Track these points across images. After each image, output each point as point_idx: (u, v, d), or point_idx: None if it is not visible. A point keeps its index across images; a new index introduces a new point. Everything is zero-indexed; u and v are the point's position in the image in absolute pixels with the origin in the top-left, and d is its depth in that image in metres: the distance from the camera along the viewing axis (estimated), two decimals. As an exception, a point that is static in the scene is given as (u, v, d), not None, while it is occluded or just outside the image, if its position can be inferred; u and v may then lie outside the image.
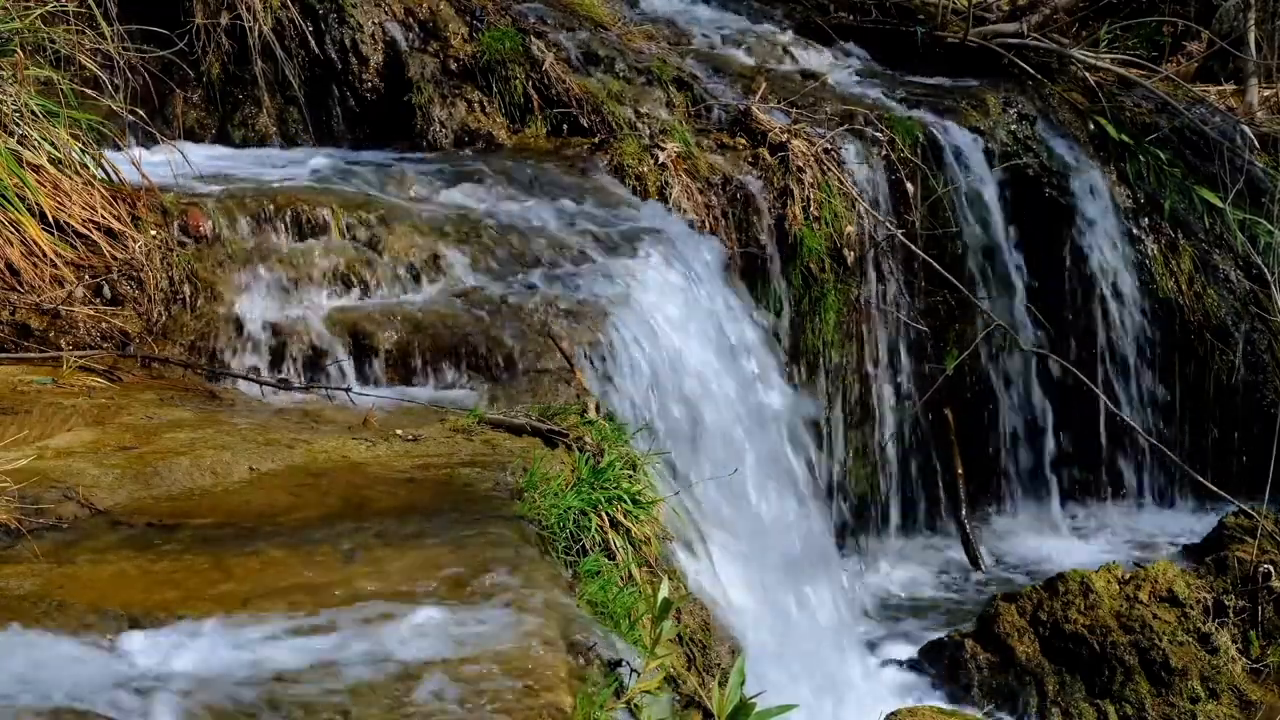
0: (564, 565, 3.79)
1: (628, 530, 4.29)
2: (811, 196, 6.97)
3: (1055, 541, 7.68)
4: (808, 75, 7.88)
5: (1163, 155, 8.04)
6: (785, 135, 7.06)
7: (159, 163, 5.82)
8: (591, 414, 4.88)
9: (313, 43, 6.93)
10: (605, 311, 5.55)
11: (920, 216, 7.32)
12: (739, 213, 6.88)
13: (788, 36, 8.26)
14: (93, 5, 6.09)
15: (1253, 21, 8.51)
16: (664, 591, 3.39)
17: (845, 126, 7.33)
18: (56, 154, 5.42)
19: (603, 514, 4.19)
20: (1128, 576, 6.23)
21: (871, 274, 7.23)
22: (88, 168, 5.53)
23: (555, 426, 4.56)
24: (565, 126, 6.98)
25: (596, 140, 6.85)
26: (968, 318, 7.50)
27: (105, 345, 5.07)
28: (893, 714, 5.51)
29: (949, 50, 8.21)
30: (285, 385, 5.03)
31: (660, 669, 3.40)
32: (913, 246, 7.17)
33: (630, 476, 4.46)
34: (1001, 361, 7.67)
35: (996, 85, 8.03)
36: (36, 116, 5.46)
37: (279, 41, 6.88)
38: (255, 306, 5.38)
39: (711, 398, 5.69)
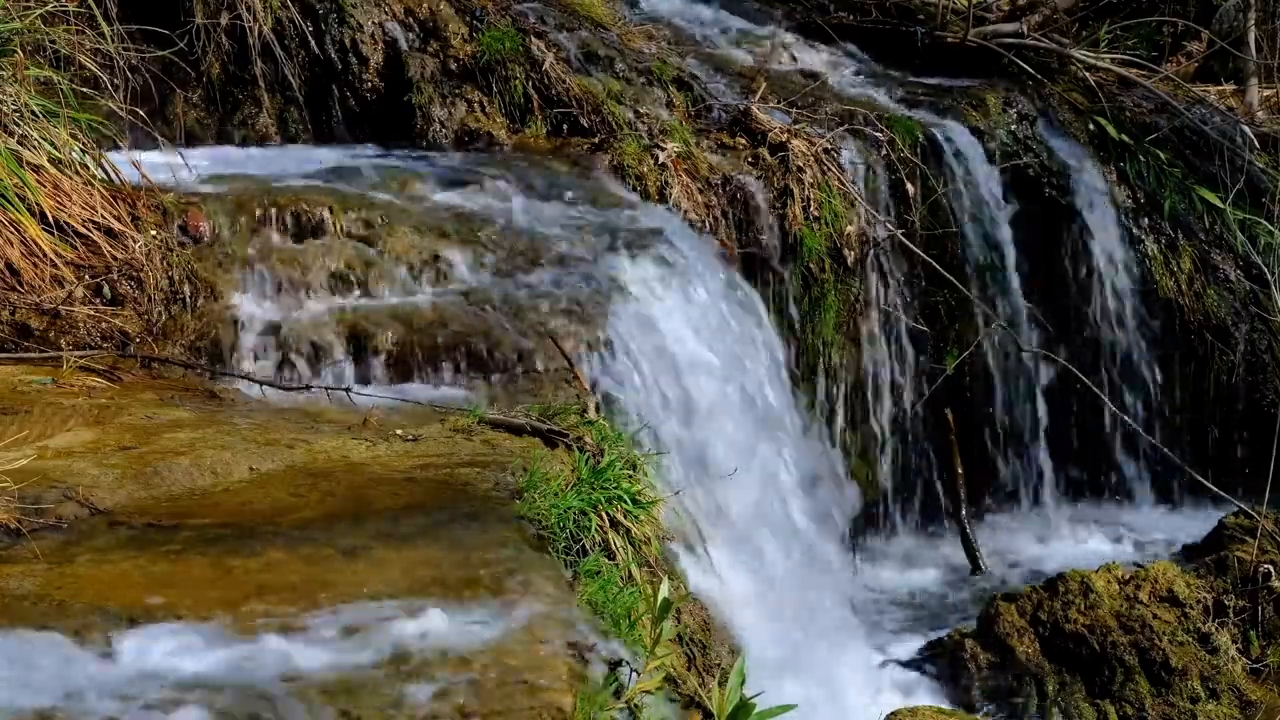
0: (564, 565, 3.78)
1: (628, 530, 4.29)
2: (811, 196, 6.97)
3: (1055, 541, 7.68)
4: (808, 75, 7.89)
5: (1163, 155, 8.04)
6: (785, 135, 7.06)
7: (159, 163, 5.82)
8: (591, 414, 4.88)
9: (313, 43, 6.93)
10: (605, 311, 5.55)
11: (920, 216, 7.32)
12: (739, 213, 6.88)
13: (788, 36, 8.26)
14: (93, 5, 6.09)
15: (1253, 21, 8.51)
16: (664, 591, 3.39)
17: (845, 126, 7.33)
18: (56, 154, 5.42)
19: (603, 514, 4.19)
20: (1128, 576, 6.23)
21: (871, 274, 7.23)
22: (88, 168, 5.52)
23: (555, 426, 4.56)
24: (565, 126, 6.98)
25: (596, 140, 6.85)
26: (968, 318, 7.50)
27: (105, 345, 5.07)
28: (893, 714, 5.50)
29: (949, 50, 8.21)
30: (285, 385, 5.03)
31: (660, 669, 3.40)
32: (913, 246, 7.17)
33: (630, 476, 4.46)
34: (1001, 361, 7.67)
35: (996, 85, 8.03)
36: (36, 116, 5.46)
37: (279, 41, 6.88)
38: (255, 306, 5.38)
39: (711, 397, 5.68)
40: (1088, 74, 8.16)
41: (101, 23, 6.10)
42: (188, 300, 5.34)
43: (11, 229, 5.14)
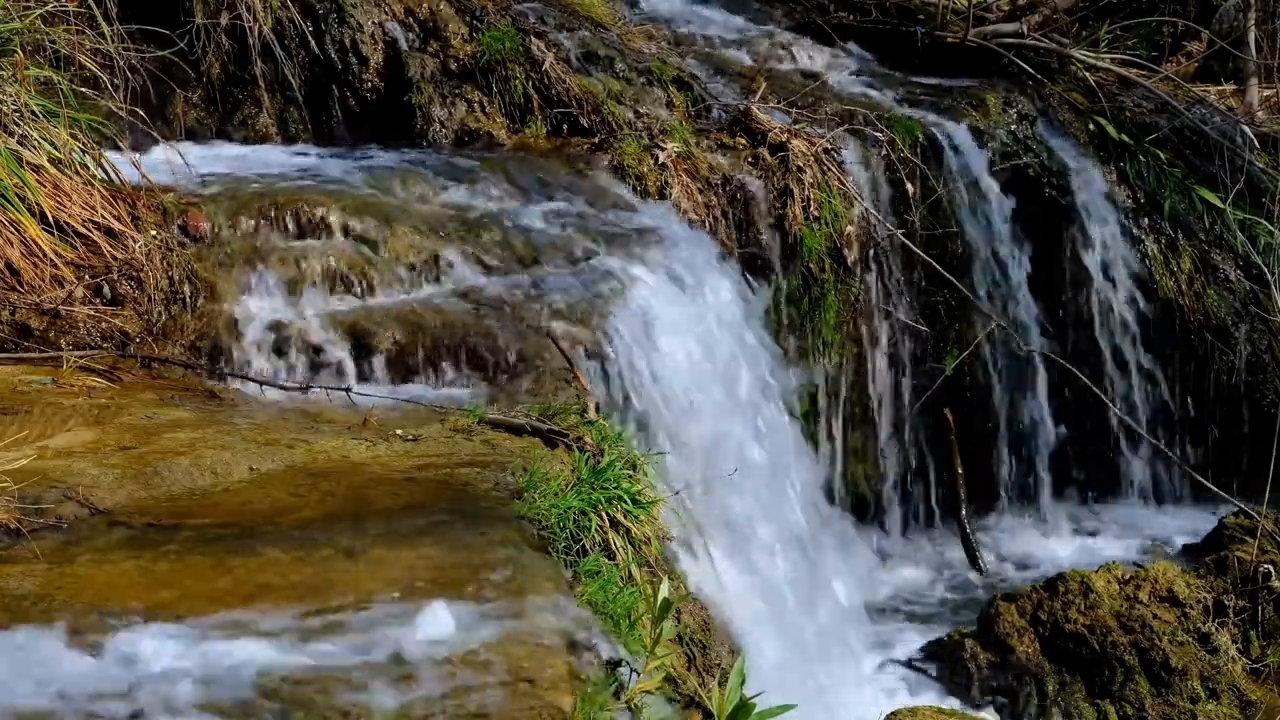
0: (564, 565, 3.78)
1: (628, 530, 4.29)
2: (811, 196, 6.97)
3: (1055, 541, 7.68)
4: (808, 75, 7.88)
5: (1163, 155, 8.04)
6: (785, 135, 7.06)
7: (159, 163, 5.82)
8: (591, 414, 4.88)
9: (313, 43, 6.93)
10: (605, 311, 5.55)
11: (920, 216, 7.32)
12: (739, 213, 6.88)
13: (788, 36, 8.26)
14: (93, 5, 6.09)
15: (1253, 21, 8.51)
16: (664, 591, 3.39)
17: (845, 126, 7.33)
18: (56, 154, 5.42)
19: (603, 514, 4.19)
20: (1128, 576, 6.23)
21: (871, 274, 7.23)
22: (88, 168, 5.53)
23: (555, 426, 4.56)
24: (565, 126, 6.98)
25: (596, 140, 6.85)
26: (968, 318, 7.50)
27: (105, 345, 5.07)
28: (893, 714, 5.51)
29: (949, 50, 8.21)
30: (285, 385, 5.03)
31: (660, 669, 3.40)
32: (913, 246, 7.17)
33: (630, 476, 4.46)
34: (1001, 361, 7.67)
35: (996, 85, 8.03)
36: (36, 116, 5.46)
37: (279, 41, 6.87)
38: (255, 306, 5.38)
39: (710, 397, 5.68)
40: (1088, 74, 8.16)
41: (101, 23, 6.09)
42: (188, 300, 5.34)
43: (11, 229, 5.14)
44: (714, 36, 8.09)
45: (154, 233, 5.43)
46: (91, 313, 5.12)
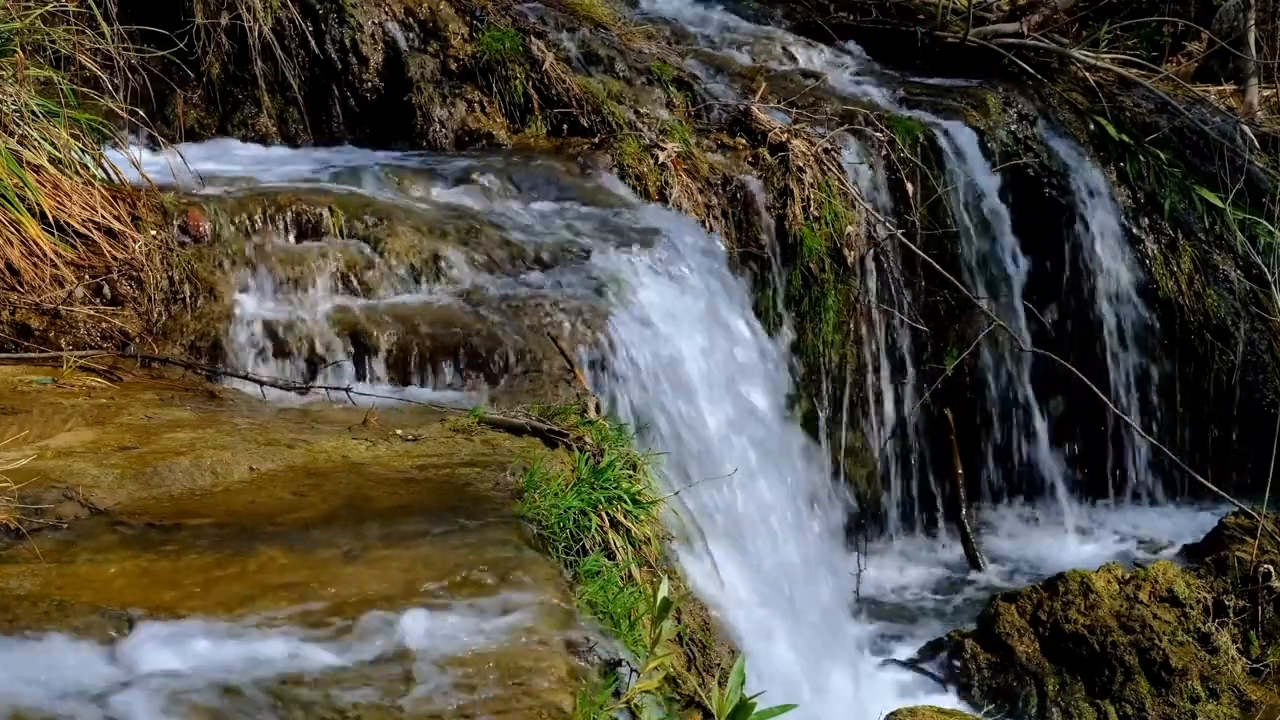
0: (564, 565, 3.78)
1: (628, 530, 4.28)
2: (811, 196, 6.97)
3: (1055, 541, 7.68)
4: (808, 75, 7.89)
5: (1163, 155, 8.05)
6: (785, 135, 7.06)
7: (159, 162, 5.82)
8: (591, 414, 4.88)
9: (313, 43, 6.93)
10: (605, 311, 5.55)
11: (920, 216, 7.32)
12: (739, 213, 6.88)
13: (788, 36, 8.26)
14: (93, 5, 6.09)
15: (1253, 21, 8.52)
16: (664, 591, 3.39)
17: (845, 126, 7.33)
18: (56, 154, 5.42)
19: (603, 514, 4.19)
20: (1128, 576, 6.23)
21: (872, 274, 7.23)
22: (88, 168, 5.53)
23: (555, 426, 4.56)
24: (565, 126, 6.98)
25: (596, 140, 6.85)
26: (968, 318, 7.50)
27: (105, 345, 5.07)
28: (893, 714, 5.51)
29: (949, 50, 8.22)
30: (285, 385, 5.03)
31: (660, 669, 3.40)
32: (913, 246, 7.17)
33: (630, 476, 4.46)
34: (1001, 361, 7.67)
35: (996, 85, 8.03)
36: (36, 116, 5.46)
37: (279, 41, 6.88)
38: (255, 307, 5.38)
39: (709, 397, 5.69)
40: (1088, 74, 8.16)
41: (101, 23, 6.10)
42: (188, 300, 5.34)
43: (11, 229, 5.14)
44: (714, 36, 8.09)
45: (154, 233, 5.43)
46: (91, 313, 5.12)
